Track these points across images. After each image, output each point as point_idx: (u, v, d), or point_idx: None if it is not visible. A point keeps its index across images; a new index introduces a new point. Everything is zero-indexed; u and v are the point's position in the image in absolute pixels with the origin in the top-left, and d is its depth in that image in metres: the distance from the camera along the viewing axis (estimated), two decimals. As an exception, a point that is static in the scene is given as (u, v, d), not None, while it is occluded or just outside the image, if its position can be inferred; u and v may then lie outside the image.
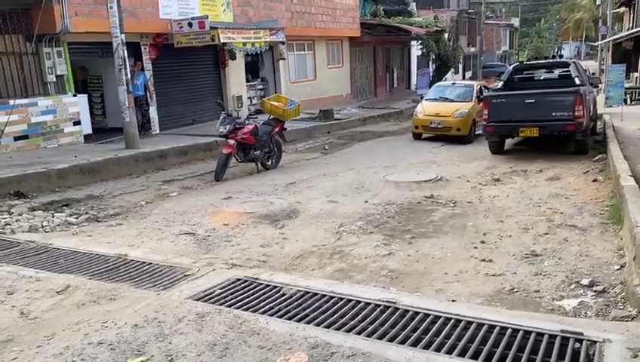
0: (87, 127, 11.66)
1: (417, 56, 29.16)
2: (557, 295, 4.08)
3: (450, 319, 3.34)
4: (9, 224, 6.08)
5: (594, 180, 7.97)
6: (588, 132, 10.40)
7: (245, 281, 4.10)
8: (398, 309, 3.50)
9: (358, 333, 3.20)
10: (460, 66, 34.96)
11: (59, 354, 3.03)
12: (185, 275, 4.26)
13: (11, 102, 9.55)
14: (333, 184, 8.37)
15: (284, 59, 17.40)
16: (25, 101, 10.17)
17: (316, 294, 3.79)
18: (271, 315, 3.48)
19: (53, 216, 6.54)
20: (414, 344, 3.07)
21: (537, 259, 4.84)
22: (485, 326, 3.23)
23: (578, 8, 55.90)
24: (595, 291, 4.10)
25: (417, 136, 13.88)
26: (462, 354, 2.95)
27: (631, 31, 25.36)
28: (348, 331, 3.23)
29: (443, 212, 6.62)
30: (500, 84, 11.87)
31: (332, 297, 3.73)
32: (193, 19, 12.85)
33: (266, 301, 3.73)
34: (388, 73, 26.78)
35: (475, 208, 6.77)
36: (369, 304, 3.59)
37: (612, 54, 27.73)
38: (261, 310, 3.56)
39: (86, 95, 12.19)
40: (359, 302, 3.63)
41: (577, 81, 10.67)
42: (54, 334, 3.30)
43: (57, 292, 3.98)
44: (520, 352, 2.94)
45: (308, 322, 3.36)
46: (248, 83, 16.78)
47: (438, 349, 3.01)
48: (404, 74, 29.09)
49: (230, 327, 3.28)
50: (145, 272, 4.42)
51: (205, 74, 15.18)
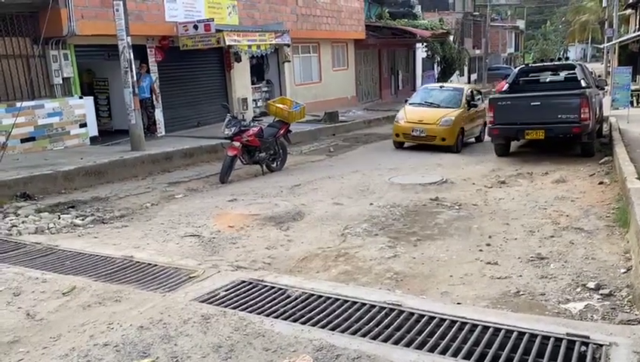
0: (93, 130, 11.72)
1: (422, 58, 29.13)
2: (563, 298, 4.06)
3: (455, 322, 3.32)
4: (16, 226, 6.11)
5: (600, 183, 7.93)
6: (594, 134, 10.36)
7: (250, 283, 4.10)
8: (403, 312, 3.49)
9: (363, 336, 3.19)
10: (466, 69, 34.89)
11: (64, 356, 3.04)
12: (190, 277, 4.27)
13: (18, 104, 9.61)
14: (338, 186, 8.37)
15: (289, 61, 17.43)
16: (31, 103, 10.23)
17: (321, 296, 3.79)
18: (276, 317, 3.47)
19: (59, 218, 6.57)
20: (419, 347, 3.07)
21: (543, 262, 4.82)
22: (491, 329, 3.21)
23: (584, 10, 55.75)
24: (602, 294, 4.08)
25: (399, 145, 12.64)
26: (467, 357, 2.94)
27: (637, 33, 25.26)
28: (353, 333, 3.23)
29: (448, 214, 6.61)
30: (506, 87, 11.85)
31: (337, 299, 3.73)
32: (199, 21, 12.90)
33: (271, 303, 3.73)
34: (393, 75, 26.77)
35: (481, 211, 6.76)
36: (374, 306, 3.58)
37: (618, 56, 27.63)
38: (266, 312, 3.56)
39: (92, 97, 12.25)
40: (364, 305, 3.62)
41: (583, 84, 10.64)
42: (60, 335, 3.32)
43: (63, 293, 3.99)
44: (526, 355, 2.93)
45: (313, 324, 3.36)
46: (253, 85, 16.81)
47: (444, 352, 3.00)
48: (409, 76, 29.07)
49: (235, 329, 3.28)
50: (150, 274, 4.43)
51: (211, 76, 15.22)
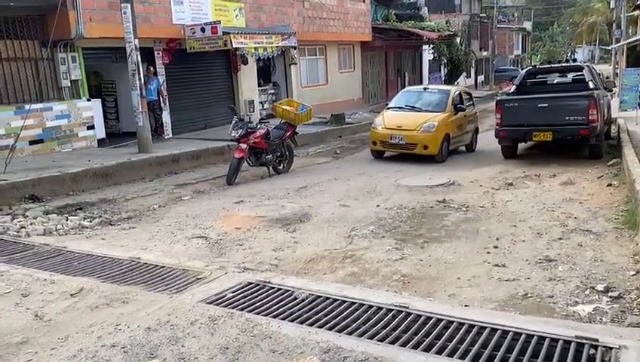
0: (100, 132, 11.78)
1: (429, 60, 29.10)
2: (571, 300, 4.04)
3: (463, 324, 3.31)
4: (24, 227, 6.14)
5: (608, 185, 7.89)
6: (602, 136, 10.31)
7: (257, 285, 4.11)
8: (411, 314, 3.48)
9: (370, 338, 3.19)
10: (472, 70, 34.84)
11: (72, 357, 3.05)
12: (197, 279, 4.28)
13: (27, 106, 9.67)
14: (344, 188, 8.36)
15: (295, 63, 17.45)
16: (40, 106, 10.30)
17: (328, 298, 3.79)
18: (283, 319, 3.48)
19: (67, 220, 6.60)
20: (427, 349, 3.06)
21: (551, 264, 4.79)
22: (499, 331, 3.20)
23: (592, 12, 55.45)
24: (611, 297, 4.05)
25: (378, 154, 11.47)
26: (475, 360, 2.93)
27: (646, 34, 25.09)
28: (360, 335, 3.22)
29: (455, 216, 6.58)
30: (513, 88, 11.81)
31: (344, 301, 3.73)
32: (206, 24, 12.94)
33: (278, 305, 3.73)
34: (399, 77, 26.75)
35: (488, 213, 6.73)
36: (381, 308, 3.58)
37: (626, 58, 27.46)
38: (273, 314, 3.56)
39: (100, 100, 12.32)
40: (371, 307, 3.61)
41: (591, 85, 10.59)
42: (68, 336, 3.33)
43: (71, 294, 4.01)
44: (534, 358, 2.92)
45: (320, 326, 3.36)
46: (260, 87, 16.85)
47: (451, 354, 2.99)
48: (415, 78, 29.03)
49: (242, 331, 3.28)
50: (157, 275, 4.44)
51: (218, 78, 15.27)
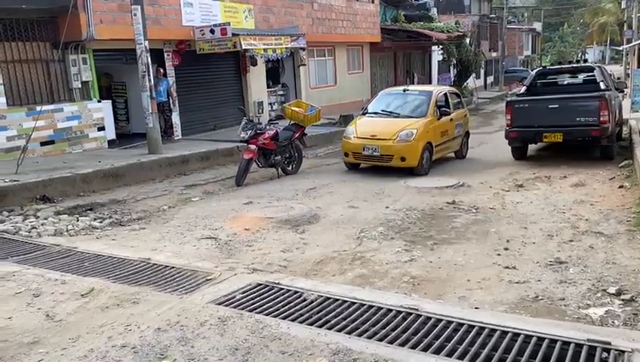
0: (111, 133, 11.84)
1: (438, 61, 29.01)
2: (583, 303, 4.01)
3: (473, 326, 3.29)
4: (35, 227, 6.19)
5: (620, 186, 7.82)
6: (613, 137, 10.23)
7: (266, 286, 4.11)
8: (420, 316, 3.46)
9: (380, 340, 3.18)
10: (482, 71, 34.68)
11: (83, 357, 3.07)
12: (207, 279, 4.29)
13: (38, 108, 9.75)
14: (353, 189, 8.35)
15: (304, 64, 17.46)
16: (51, 107, 10.38)
17: (337, 300, 3.78)
18: (292, 320, 3.47)
19: (77, 220, 6.64)
20: (437, 351, 3.04)
21: (562, 267, 4.76)
22: (509, 334, 3.18)
23: (602, 12, 55.06)
24: (623, 300, 4.01)
25: (352, 166, 10.17)
26: (486, 362, 2.91)
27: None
28: (369, 337, 3.21)
29: (465, 218, 6.56)
30: (523, 89, 11.74)
31: (353, 303, 3.72)
32: (215, 26, 12.98)
33: (287, 306, 3.73)
34: (408, 78, 26.68)
35: (498, 214, 6.70)
36: (391, 310, 3.57)
37: (638, 58, 27.21)
38: (282, 315, 3.56)
39: (110, 101, 12.40)
40: (381, 309, 3.60)
41: (602, 86, 10.50)
42: (79, 336, 3.35)
43: (82, 295, 4.03)
44: (545, 361, 2.89)
45: (329, 328, 3.35)
46: (269, 89, 16.88)
47: (461, 357, 2.97)
48: (424, 79, 28.96)
49: (252, 332, 3.29)
50: (167, 276, 4.46)
51: (227, 80, 15.31)
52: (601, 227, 5.90)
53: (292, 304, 3.76)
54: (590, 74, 11.25)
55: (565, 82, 11.75)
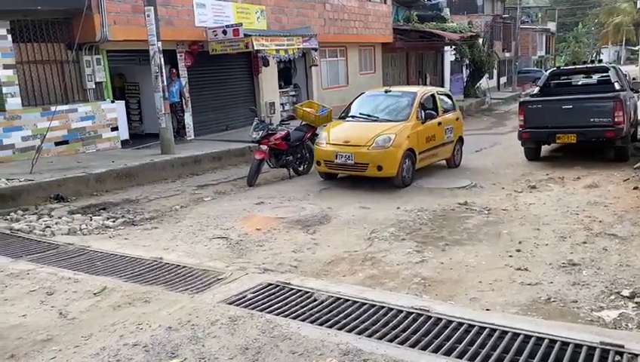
0: (124, 133, 11.94)
1: (451, 61, 28.87)
2: (596, 306, 3.97)
3: (484, 328, 3.28)
4: (49, 226, 6.26)
5: (635, 188, 7.73)
6: (628, 138, 10.11)
7: (277, 286, 4.12)
8: (431, 317, 3.45)
9: (390, 341, 3.17)
10: (495, 72, 34.45)
11: (95, 355, 3.10)
12: (218, 279, 4.31)
13: (53, 108, 9.85)
14: (364, 189, 8.34)
15: (316, 65, 17.46)
16: (65, 107, 10.48)
17: (348, 300, 3.78)
18: (302, 320, 3.48)
19: (91, 220, 6.71)
20: (447, 353, 3.03)
21: (575, 269, 4.72)
22: (521, 336, 3.16)
23: (617, 12, 54.45)
24: (637, 303, 3.97)
25: (326, 176, 9.12)
26: (497, 365, 2.89)
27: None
28: (380, 338, 3.21)
29: (477, 219, 6.52)
30: (536, 90, 11.65)
31: (364, 304, 3.71)
32: (228, 26, 13.03)
33: (298, 306, 3.74)
34: (421, 79, 26.58)
35: (511, 215, 6.65)
36: (401, 311, 3.56)
37: (654, 59, 26.87)
38: (293, 315, 3.57)
39: (123, 101, 12.49)
40: (391, 309, 3.60)
41: (617, 86, 10.39)
42: (91, 335, 3.38)
43: (94, 293, 4.07)
44: (557, 364, 2.87)
45: (339, 328, 3.35)
46: (281, 89, 16.91)
47: (472, 358, 2.96)
48: (437, 79, 28.82)
49: (262, 332, 3.30)
50: (179, 275, 4.49)
51: (239, 80, 15.36)
52: (615, 229, 5.84)
53: (302, 304, 3.77)
54: (605, 74, 11.13)
55: (579, 82, 11.64)
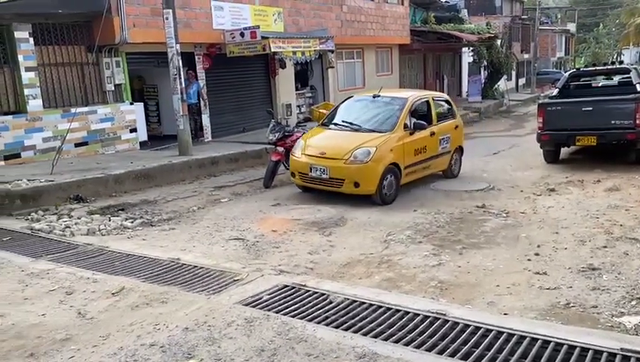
0: (143, 134, 12.05)
1: (469, 63, 28.67)
2: (616, 311, 3.90)
3: (502, 333, 3.25)
4: (69, 227, 6.34)
5: (657, 191, 7.60)
6: (650, 141, 9.94)
7: (293, 288, 4.13)
8: (448, 321, 3.43)
9: (407, 344, 3.16)
10: (513, 73, 34.13)
11: (113, 354, 3.13)
12: (234, 280, 4.33)
13: (73, 110, 9.99)
14: (381, 192, 8.30)
15: (333, 67, 17.47)
16: (85, 109, 10.62)
17: (364, 303, 3.77)
18: (318, 323, 3.48)
19: (109, 220, 6.78)
20: (465, 357, 3.00)
21: (595, 273, 4.65)
22: (539, 341, 3.12)
23: (639, 12, 53.59)
24: (659, 308, 3.90)
25: (304, 189, 8.36)
26: (514, 370, 2.86)
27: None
28: (396, 342, 3.19)
29: (495, 222, 6.46)
30: (556, 92, 11.51)
31: (380, 306, 3.70)
32: (245, 29, 13.09)
33: (314, 308, 3.73)
34: (438, 80, 26.45)
35: (529, 219, 6.58)
36: (418, 315, 3.54)
37: (677, 60, 26.41)
38: (308, 317, 3.57)
39: (142, 103, 12.60)
40: (408, 313, 3.58)
41: (639, 88, 10.23)
42: (109, 334, 3.42)
43: (113, 293, 4.12)
44: (576, 370, 2.83)
45: (355, 331, 3.34)
46: (297, 91, 16.93)
47: (490, 363, 2.93)
48: (455, 81, 28.66)
49: (278, 333, 3.30)
50: (196, 276, 4.52)
51: (256, 82, 15.42)
52: (636, 233, 5.74)
53: (318, 306, 3.77)
54: (626, 76, 10.97)
55: (600, 84, 11.49)
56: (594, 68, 12.00)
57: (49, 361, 3.12)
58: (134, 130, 11.66)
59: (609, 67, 11.97)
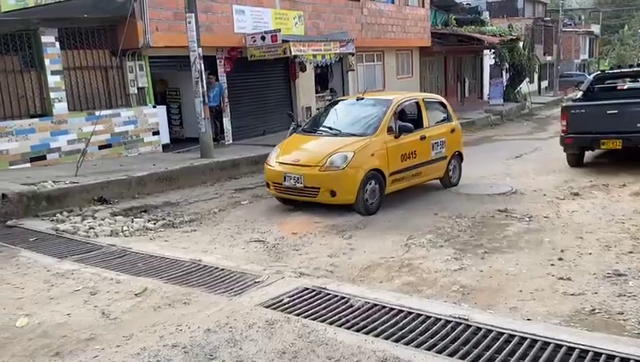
0: (165, 137, 12.20)
1: (490, 65, 28.41)
2: (643, 318, 3.82)
3: (525, 339, 3.21)
4: (93, 228, 6.44)
5: (685, 196, 7.43)
6: (677, 144, 9.73)
7: (313, 291, 4.13)
8: (470, 326, 3.40)
9: (428, 349, 3.14)
10: (536, 76, 33.70)
11: (136, 354, 3.17)
12: (255, 282, 4.35)
13: (97, 113, 10.16)
14: (400, 195, 8.26)
15: (353, 70, 17.47)
16: (109, 112, 10.79)
17: (384, 307, 3.76)
18: (339, 326, 3.47)
19: (132, 222, 6.87)
20: (487, 363, 2.97)
21: (621, 279, 4.56)
22: (564, 347, 3.08)
23: (666, 13, 52.55)
24: (687, 316, 3.80)
25: (283, 201, 7.77)
26: (538, 376, 2.82)
27: None
28: (417, 346, 3.17)
29: (518, 226, 6.39)
30: (580, 94, 11.34)
31: (401, 311, 3.68)
32: (266, 32, 13.17)
33: (334, 311, 3.73)
34: (459, 83, 26.25)
35: (552, 223, 6.49)
36: (439, 319, 3.51)
37: None
38: (329, 320, 3.57)
39: (165, 106, 12.77)
40: (429, 317, 3.56)
41: (666, 91, 10.03)
42: (132, 335, 3.46)
43: (136, 294, 4.17)
44: (602, 378, 2.78)
45: (376, 335, 3.33)
46: (317, 94, 16.96)
47: (513, 370, 2.89)
48: (476, 83, 28.42)
49: (299, 336, 3.31)
50: (217, 278, 4.55)
51: (276, 86, 15.50)
52: (663, 238, 5.62)
53: (339, 309, 3.76)
54: (652, 78, 10.76)
55: (625, 87, 11.27)
56: (619, 70, 11.79)
57: (74, 360, 3.17)
58: (157, 133, 11.80)
59: (635, 69, 11.74)
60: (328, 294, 4.06)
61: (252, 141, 13.80)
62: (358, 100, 8.30)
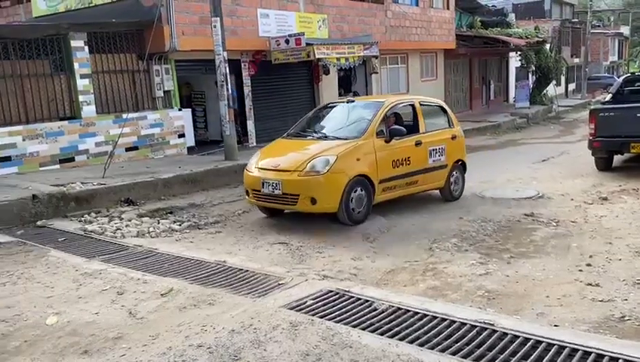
0: (190, 140, 12.35)
1: (516, 68, 28.07)
2: (676, 326, 3.73)
3: (552, 345, 3.15)
4: (120, 229, 6.55)
5: None
6: None
7: (337, 293, 4.13)
8: (496, 331, 3.36)
9: (453, 354, 3.11)
10: (563, 78, 33.18)
11: (162, 354, 3.21)
12: (279, 284, 4.37)
13: (124, 115, 10.33)
14: (423, 198, 8.21)
15: (376, 72, 17.42)
16: (136, 115, 10.97)
17: (409, 311, 3.74)
18: (363, 329, 3.47)
19: (158, 223, 6.96)
20: (513, 369, 2.94)
21: (652, 286, 4.45)
22: (592, 354, 3.02)
23: (699, 14, 51.23)
24: None
25: (265, 209, 7.36)
26: (566, 384, 2.77)
27: None
28: (442, 351, 3.15)
29: (544, 231, 6.29)
30: (609, 97, 11.13)
31: (425, 315, 3.66)
32: (290, 36, 13.23)
33: (358, 314, 3.72)
34: (484, 85, 25.99)
35: (580, 228, 6.37)
36: (464, 324, 3.48)
37: None
38: (353, 323, 3.56)
39: (190, 109, 12.93)
40: (454, 322, 3.52)
41: (698, 93, 9.78)
42: (158, 334, 3.50)
43: (162, 294, 4.22)
44: (633, 386, 2.72)
45: (400, 339, 3.32)
46: (341, 97, 16.97)
47: (540, 376, 2.85)
48: (501, 86, 28.11)
49: (323, 338, 3.31)
50: (241, 279, 4.58)
51: (299, 89, 15.55)
52: (696, 245, 5.48)
53: (362, 312, 3.75)
54: (684, 80, 10.50)
55: (656, 89, 11.03)
56: (650, 72, 11.54)
57: (102, 358, 3.23)
58: (182, 136, 11.95)
59: (666, 71, 11.48)
60: (352, 297, 4.05)
61: (275, 144, 13.85)
62: (349, 103, 8.00)
